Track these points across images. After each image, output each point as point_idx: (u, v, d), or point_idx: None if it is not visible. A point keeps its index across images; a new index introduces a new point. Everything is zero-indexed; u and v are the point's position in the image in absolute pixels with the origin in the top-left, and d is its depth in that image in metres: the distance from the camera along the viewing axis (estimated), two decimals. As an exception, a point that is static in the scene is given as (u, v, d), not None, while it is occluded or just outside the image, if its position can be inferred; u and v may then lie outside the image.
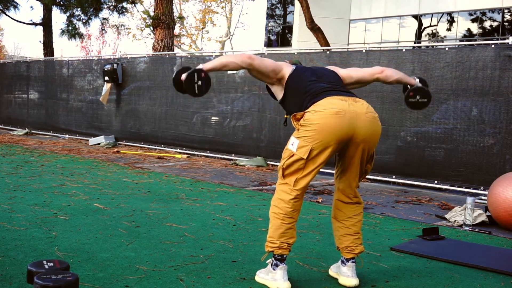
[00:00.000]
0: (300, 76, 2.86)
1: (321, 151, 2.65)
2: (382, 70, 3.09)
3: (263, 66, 2.86)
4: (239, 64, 2.82)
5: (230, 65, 2.83)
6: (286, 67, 2.91)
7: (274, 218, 2.75)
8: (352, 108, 2.66)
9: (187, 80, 2.73)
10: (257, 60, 2.86)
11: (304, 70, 2.92)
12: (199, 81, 2.73)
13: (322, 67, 3.03)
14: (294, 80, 2.85)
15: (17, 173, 6.18)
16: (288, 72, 2.89)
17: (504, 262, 3.39)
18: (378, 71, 3.08)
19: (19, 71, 13.00)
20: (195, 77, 2.73)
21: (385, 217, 4.76)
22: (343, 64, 7.37)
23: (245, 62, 2.82)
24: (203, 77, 2.74)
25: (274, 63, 2.90)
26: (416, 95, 3.11)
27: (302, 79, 2.84)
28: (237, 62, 2.82)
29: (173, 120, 9.56)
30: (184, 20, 31.64)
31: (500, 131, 6.00)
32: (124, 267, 2.94)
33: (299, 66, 2.96)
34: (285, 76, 2.88)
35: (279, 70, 2.89)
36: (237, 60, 2.82)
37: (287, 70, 2.89)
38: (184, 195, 5.32)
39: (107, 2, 15.44)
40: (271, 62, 2.90)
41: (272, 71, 2.88)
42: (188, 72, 2.75)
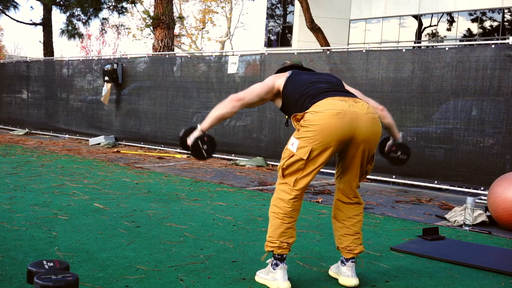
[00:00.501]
0: (298, 80, 2.86)
1: (321, 152, 2.65)
2: (383, 108, 3.10)
3: (254, 96, 2.87)
4: (232, 111, 2.85)
5: (225, 116, 2.86)
6: (278, 79, 2.90)
7: (274, 217, 2.75)
8: (353, 108, 2.66)
9: (194, 149, 2.86)
10: (246, 96, 2.87)
11: (302, 73, 2.92)
12: (204, 145, 2.85)
13: (322, 72, 3.04)
14: (291, 87, 2.84)
15: (17, 173, 6.18)
16: (282, 82, 2.88)
17: (504, 262, 3.39)
18: (380, 108, 3.08)
19: (19, 71, 13.00)
20: (200, 144, 2.84)
21: (385, 217, 4.76)
22: (343, 64, 7.37)
23: (236, 106, 2.85)
24: (206, 141, 2.85)
25: (264, 86, 2.89)
26: (398, 150, 3.14)
27: (301, 81, 2.84)
28: (229, 111, 2.85)
29: (173, 120, 9.56)
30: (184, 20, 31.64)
31: (500, 131, 6.00)
32: (124, 267, 2.94)
33: (296, 71, 2.94)
34: (281, 87, 2.88)
35: (271, 88, 2.90)
36: (228, 109, 2.84)
37: (280, 82, 2.89)
38: (184, 195, 5.32)
39: (107, 2, 15.44)
40: (260, 88, 2.89)
41: (265, 94, 2.89)
42: (191, 143, 2.84)
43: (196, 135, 2.85)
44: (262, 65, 8.30)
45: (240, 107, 2.86)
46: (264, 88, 2.89)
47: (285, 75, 2.92)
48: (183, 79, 9.42)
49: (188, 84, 9.33)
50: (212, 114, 2.86)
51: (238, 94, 2.88)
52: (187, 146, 2.89)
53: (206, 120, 2.86)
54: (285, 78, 2.89)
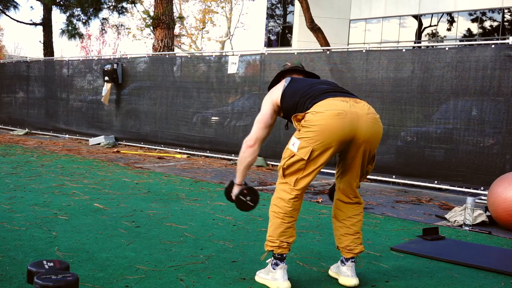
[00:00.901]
0: (296, 84, 2.84)
1: (322, 152, 2.65)
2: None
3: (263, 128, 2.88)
4: (254, 155, 2.90)
5: (251, 162, 2.93)
6: (274, 95, 2.88)
7: (274, 217, 2.75)
8: (354, 109, 2.66)
9: (240, 205, 2.95)
10: (258, 134, 2.88)
11: (298, 80, 2.90)
12: (247, 197, 2.94)
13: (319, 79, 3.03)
14: (289, 95, 2.82)
15: (17, 173, 6.18)
16: (279, 95, 2.85)
17: (504, 262, 3.39)
18: None
19: (19, 71, 13.00)
20: (243, 197, 2.94)
21: (385, 217, 4.76)
22: (343, 64, 7.37)
23: (255, 150, 2.89)
24: (246, 193, 2.94)
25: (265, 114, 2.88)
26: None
27: (299, 85, 2.83)
28: (252, 157, 2.89)
29: (173, 120, 9.56)
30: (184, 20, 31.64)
31: (500, 131, 6.00)
32: (124, 267, 2.94)
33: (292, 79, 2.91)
34: (278, 101, 2.86)
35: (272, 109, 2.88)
36: (250, 156, 2.89)
37: (277, 96, 2.86)
38: (184, 195, 5.32)
39: (107, 2, 15.44)
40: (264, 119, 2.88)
41: (271, 118, 2.90)
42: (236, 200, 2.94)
43: (236, 192, 2.95)
44: (262, 65, 8.29)
45: (258, 148, 2.90)
46: (266, 117, 2.89)
47: (282, 84, 2.89)
48: (183, 79, 9.42)
49: (188, 84, 9.33)
50: (240, 168, 2.94)
51: (249, 138, 2.89)
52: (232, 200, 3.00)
53: (238, 175, 2.96)
54: (282, 89, 2.86)
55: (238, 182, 2.97)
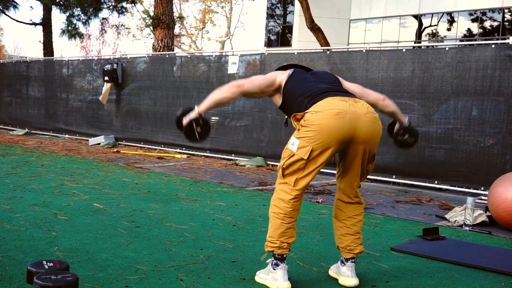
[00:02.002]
0: (299, 79, 2.86)
1: (321, 152, 2.65)
2: (384, 98, 3.11)
3: (255, 86, 2.86)
4: (230, 97, 2.83)
5: (223, 100, 2.85)
6: (281, 75, 2.90)
7: (274, 217, 2.75)
8: (353, 108, 2.66)
9: (187, 130, 2.84)
10: (247, 84, 2.85)
11: (303, 72, 2.91)
12: (198, 127, 2.84)
13: (322, 71, 3.03)
14: (292, 85, 2.84)
15: (17, 173, 6.17)
16: (284, 79, 2.88)
17: (504, 262, 3.39)
18: (381, 98, 3.09)
19: (19, 71, 13.00)
20: (194, 125, 2.83)
21: (385, 217, 4.76)
22: (343, 64, 7.37)
23: (235, 92, 2.83)
24: (201, 124, 2.84)
25: (266, 78, 2.89)
26: (405, 133, 3.15)
27: (300, 81, 2.84)
28: (228, 96, 2.83)
29: (173, 120, 9.50)
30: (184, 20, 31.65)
31: (500, 131, 6.00)
32: (124, 267, 2.94)
33: (297, 70, 2.94)
34: (282, 83, 2.87)
35: (272, 82, 2.89)
36: (227, 93, 2.82)
37: (282, 78, 2.88)
38: (184, 195, 5.31)
39: (107, 2, 15.43)
40: (262, 79, 2.88)
41: (266, 87, 2.88)
42: (186, 124, 2.83)
43: (192, 116, 2.83)
44: (262, 65, 8.29)
45: (238, 94, 2.84)
46: (266, 80, 2.89)
47: (287, 72, 2.92)
48: (183, 79, 9.42)
49: (188, 84, 9.32)
50: (211, 97, 2.85)
51: (238, 80, 2.87)
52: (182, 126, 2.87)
53: (204, 102, 2.85)
54: (287, 75, 2.89)
55: (200, 110, 2.84)
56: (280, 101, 2.92)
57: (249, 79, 2.89)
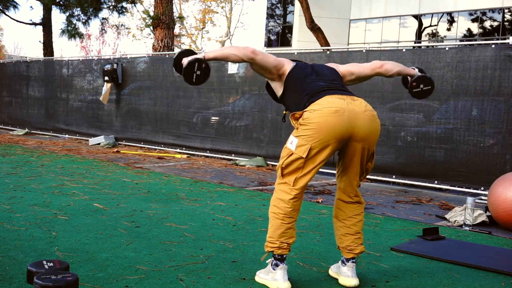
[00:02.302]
0: (300, 74, 2.86)
1: (320, 150, 2.65)
2: (382, 64, 3.13)
3: (265, 61, 2.87)
4: (241, 57, 2.82)
5: (231, 58, 2.83)
6: (287, 64, 2.93)
7: (274, 218, 2.75)
8: (351, 106, 2.67)
9: (187, 68, 2.74)
10: (260, 55, 2.85)
11: (304, 67, 2.92)
12: (198, 70, 2.75)
13: (322, 65, 3.03)
14: (294, 77, 2.86)
15: (17, 173, 6.17)
16: (289, 68, 2.90)
17: (504, 262, 3.39)
18: (378, 66, 3.11)
19: (19, 71, 13.00)
20: (195, 66, 2.74)
21: (385, 217, 4.76)
22: (343, 64, 7.35)
23: (247, 56, 2.82)
24: (203, 68, 2.75)
25: (276, 60, 2.91)
26: (419, 84, 3.14)
27: (302, 76, 2.85)
28: (239, 55, 2.81)
29: (173, 120, 9.55)
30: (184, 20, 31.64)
31: (500, 131, 6.00)
32: (124, 267, 2.94)
33: (300, 63, 2.96)
34: (286, 72, 2.89)
35: (280, 66, 2.90)
36: (240, 53, 2.81)
37: (288, 67, 2.91)
38: (184, 195, 5.31)
39: (107, 2, 15.43)
40: (273, 58, 2.91)
41: (274, 67, 2.89)
42: (188, 61, 2.75)
43: (197, 56, 2.79)
44: (262, 65, 8.28)
45: (248, 59, 2.82)
46: (276, 61, 2.90)
47: (292, 63, 2.94)
48: (183, 79, 9.40)
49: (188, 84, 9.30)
50: (222, 49, 2.86)
51: (255, 49, 2.86)
52: (180, 66, 2.80)
53: (213, 50, 2.84)
54: (291, 66, 2.91)
55: (207, 56, 2.80)
56: (281, 90, 2.92)
57: (263, 53, 2.90)
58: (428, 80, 3.17)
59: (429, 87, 3.17)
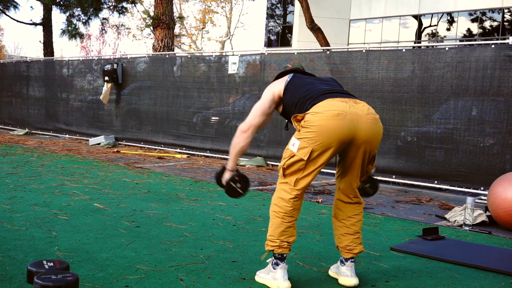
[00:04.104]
0: (297, 84, 2.85)
1: (322, 153, 2.65)
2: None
3: (260, 116, 2.90)
4: (247, 140, 2.91)
5: (244, 148, 2.93)
6: (277, 87, 2.89)
7: (274, 216, 2.75)
8: (353, 109, 2.66)
9: (229, 191, 2.94)
10: (252, 122, 2.90)
11: (302, 77, 2.91)
12: (237, 183, 2.93)
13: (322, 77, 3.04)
14: (290, 91, 2.84)
15: (17, 173, 6.18)
16: (282, 87, 2.87)
17: (504, 262, 3.39)
18: None
19: (19, 71, 13.00)
20: (234, 184, 2.93)
21: (385, 217, 4.76)
22: (343, 64, 7.37)
23: (248, 136, 2.90)
24: (238, 180, 2.93)
25: (265, 102, 2.90)
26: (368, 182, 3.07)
27: (300, 85, 2.84)
28: (245, 143, 2.91)
29: (173, 120, 9.56)
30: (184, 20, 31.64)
31: (500, 131, 6.00)
32: (124, 267, 2.94)
33: (295, 75, 2.92)
34: (281, 93, 2.87)
35: (272, 100, 2.90)
36: (243, 142, 2.90)
37: (280, 89, 2.88)
38: (184, 195, 5.32)
39: (107, 2, 15.43)
40: (261, 107, 2.90)
41: (269, 108, 2.91)
42: (226, 186, 2.93)
43: (227, 177, 2.93)
44: (262, 65, 8.29)
45: (252, 134, 2.90)
46: (266, 104, 2.90)
47: (284, 79, 2.91)
48: (183, 79, 9.42)
49: (188, 84, 9.33)
50: (232, 153, 2.93)
51: (243, 124, 2.91)
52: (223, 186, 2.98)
53: (230, 160, 2.94)
54: (284, 84, 2.88)
55: (230, 168, 2.95)
56: (281, 108, 2.92)
57: (251, 116, 2.91)
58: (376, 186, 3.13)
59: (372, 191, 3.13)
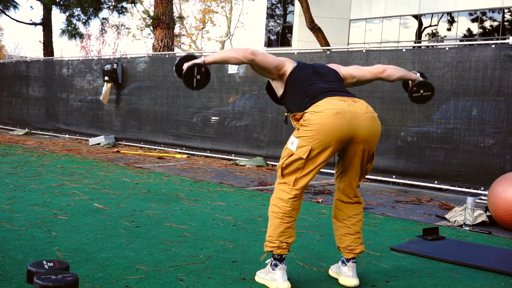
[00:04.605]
0: (301, 74, 2.85)
1: (321, 151, 2.65)
2: (384, 69, 3.10)
3: (266, 62, 2.85)
4: (240, 60, 2.81)
5: (231, 60, 2.83)
6: (288, 64, 2.91)
7: (273, 217, 2.75)
8: (352, 108, 2.66)
9: (186, 73, 2.76)
10: (260, 56, 2.84)
11: (305, 68, 2.90)
12: (198, 75, 2.76)
13: (324, 65, 3.01)
14: (295, 78, 2.85)
15: (17, 173, 6.17)
16: (290, 69, 2.88)
17: (504, 262, 3.39)
18: (380, 71, 3.09)
19: (19, 71, 12.99)
20: (195, 71, 2.75)
21: (385, 217, 4.76)
22: (343, 64, 7.36)
23: (247, 58, 2.81)
24: (202, 72, 2.77)
25: (277, 60, 2.90)
26: (419, 89, 3.16)
27: (303, 77, 2.84)
28: (239, 58, 2.80)
29: (173, 120, 9.55)
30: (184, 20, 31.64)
31: (500, 131, 6.00)
32: (124, 267, 2.94)
33: (301, 63, 2.94)
34: (286, 73, 2.87)
35: (281, 66, 2.89)
36: (239, 56, 2.80)
37: (288, 67, 2.89)
38: (184, 195, 5.31)
39: (107, 2, 15.43)
40: (273, 59, 2.89)
41: (274, 68, 2.88)
42: (188, 66, 2.77)
43: (196, 61, 2.80)
44: (262, 65, 8.28)
45: (248, 61, 2.81)
46: (276, 61, 2.88)
47: (293, 63, 2.92)
48: (184, 84, 9.39)
49: (188, 84, 9.31)
50: (221, 52, 2.86)
51: (255, 52, 2.84)
52: (181, 71, 2.82)
53: (212, 54, 2.85)
54: (293, 66, 2.89)
55: (207, 60, 2.80)
56: (281, 90, 2.91)
57: (263, 53, 2.88)
58: (429, 86, 3.18)
59: (429, 93, 3.19)
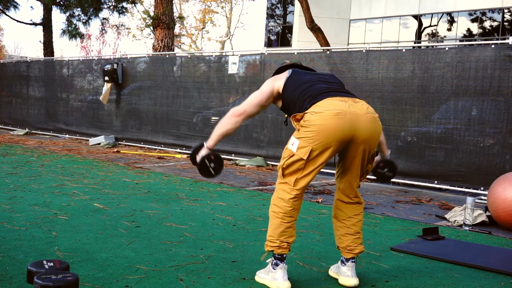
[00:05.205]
0: (297, 81, 2.84)
1: (321, 152, 2.65)
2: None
3: (255, 106, 2.88)
4: (236, 127, 2.88)
5: (229, 132, 2.89)
6: (277, 82, 2.89)
7: (274, 217, 2.75)
8: (352, 109, 2.66)
9: (201, 168, 2.90)
10: (247, 109, 2.87)
11: (302, 73, 2.90)
12: (211, 163, 2.90)
13: (322, 72, 3.02)
14: (290, 87, 2.83)
15: (17, 173, 6.17)
16: (282, 84, 2.86)
17: (504, 262, 3.39)
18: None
19: (19, 71, 13.00)
20: (207, 162, 2.89)
21: (385, 217, 4.76)
22: (343, 64, 7.37)
23: (238, 121, 2.87)
24: (213, 159, 2.90)
25: (263, 93, 2.89)
26: (385, 167, 3.16)
27: (299, 83, 2.83)
28: (232, 127, 2.88)
29: (173, 120, 9.55)
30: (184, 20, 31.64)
31: (500, 131, 6.00)
32: (124, 267, 2.94)
33: (294, 71, 2.92)
34: (280, 89, 2.87)
35: (271, 93, 2.89)
36: (231, 125, 2.87)
37: (279, 84, 2.87)
38: (184, 195, 5.32)
39: (107, 2, 15.44)
40: (259, 96, 2.89)
41: (266, 101, 2.90)
42: (198, 163, 2.89)
43: (203, 153, 2.89)
44: (262, 65, 8.29)
45: (242, 121, 2.88)
46: (264, 95, 2.89)
47: (285, 75, 2.90)
48: (183, 79, 9.42)
49: (188, 84, 9.33)
50: (216, 132, 2.90)
51: (238, 108, 2.88)
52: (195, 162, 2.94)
53: (211, 138, 2.90)
54: (284, 79, 2.87)
55: (209, 145, 2.90)
56: (280, 103, 2.92)
57: (247, 102, 2.89)
58: (394, 168, 3.20)
59: (391, 174, 3.20)
